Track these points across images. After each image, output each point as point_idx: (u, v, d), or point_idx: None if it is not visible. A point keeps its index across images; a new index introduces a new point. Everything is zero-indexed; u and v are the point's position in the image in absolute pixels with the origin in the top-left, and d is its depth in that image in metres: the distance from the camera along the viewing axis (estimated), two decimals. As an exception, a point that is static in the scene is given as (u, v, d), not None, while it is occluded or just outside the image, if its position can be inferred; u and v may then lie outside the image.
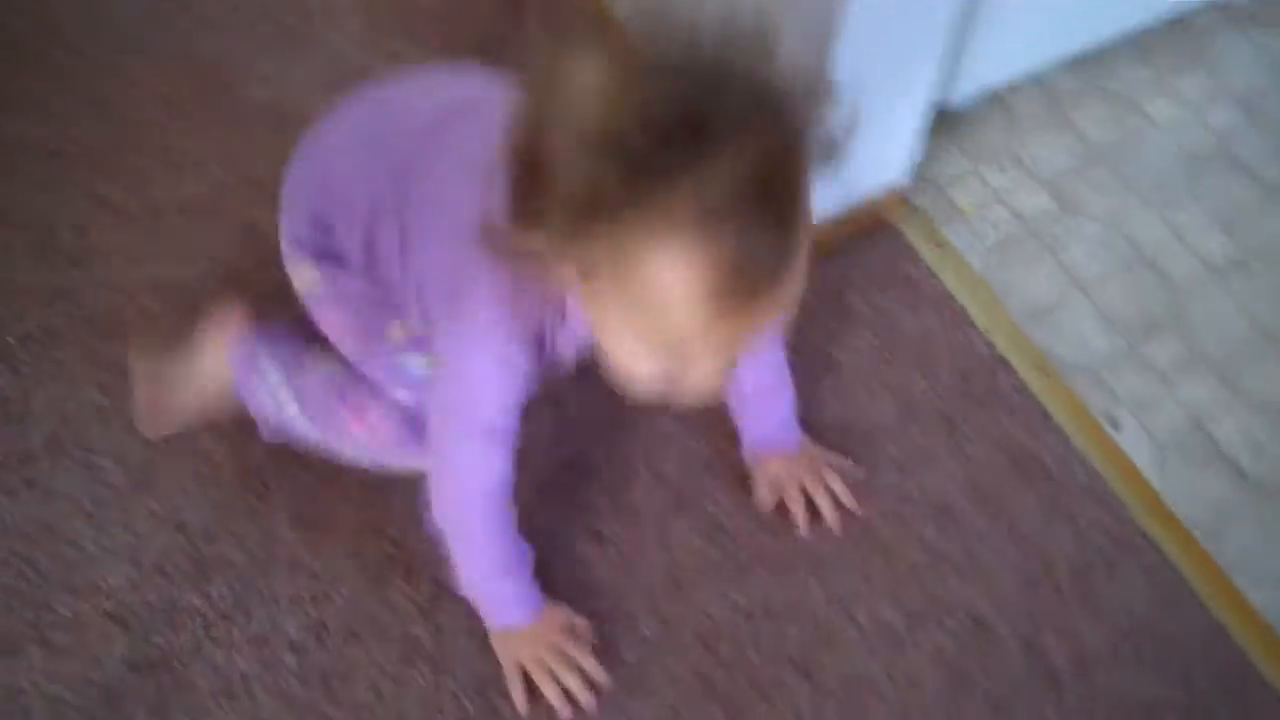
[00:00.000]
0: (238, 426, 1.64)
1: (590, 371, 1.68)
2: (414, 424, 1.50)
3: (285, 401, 1.57)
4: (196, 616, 1.56)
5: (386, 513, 1.64)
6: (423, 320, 1.44)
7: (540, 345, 1.34)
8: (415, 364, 1.49)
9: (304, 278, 1.56)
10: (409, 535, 1.62)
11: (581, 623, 1.57)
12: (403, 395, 1.52)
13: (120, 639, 1.54)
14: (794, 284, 1.12)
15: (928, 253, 1.93)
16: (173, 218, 1.85)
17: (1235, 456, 1.81)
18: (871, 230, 1.94)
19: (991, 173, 2.06)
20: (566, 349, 1.38)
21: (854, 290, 1.88)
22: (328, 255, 1.53)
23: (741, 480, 1.70)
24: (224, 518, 1.62)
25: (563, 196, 1.06)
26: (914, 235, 1.95)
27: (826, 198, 1.84)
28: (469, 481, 1.43)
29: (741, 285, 1.07)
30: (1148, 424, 1.83)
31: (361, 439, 1.55)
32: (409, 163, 1.41)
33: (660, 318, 1.10)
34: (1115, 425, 1.82)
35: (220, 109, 1.97)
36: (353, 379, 1.55)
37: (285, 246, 1.56)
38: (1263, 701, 1.61)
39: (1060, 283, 1.96)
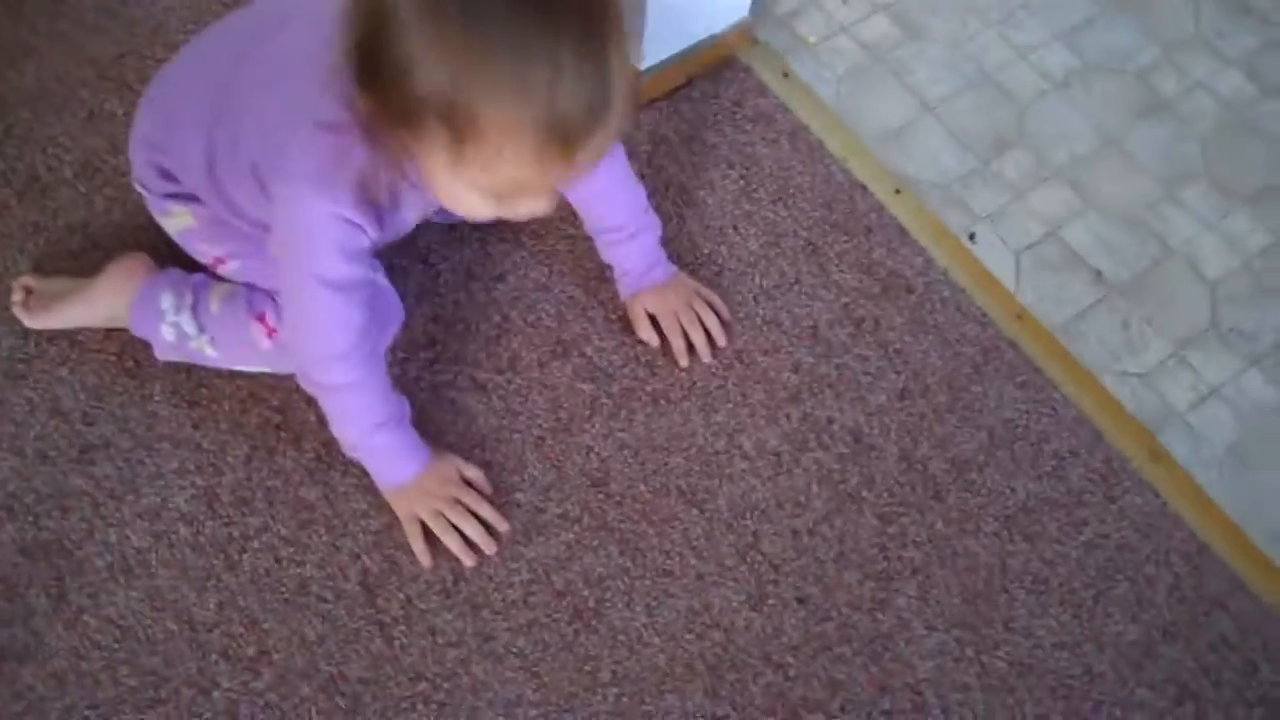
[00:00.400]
0: (107, 308, 1.62)
1: (456, 227, 1.70)
2: None
3: (190, 334, 1.57)
4: (85, 498, 1.55)
5: (265, 382, 1.63)
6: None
7: (375, 202, 1.35)
8: None
9: (175, 221, 1.58)
10: (291, 401, 1.62)
11: (474, 471, 1.59)
12: None
13: (8, 526, 1.53)
14: (615, 122, 1.16)
15: (777, 86, 1.95)
16: (19, 110, 1.80)
17: (1090, 259, 1.87)
18: (719, 68, 1.95)
19: (833, 3, 2.07)
20: (409, 207, 1.40)
21: (710, 128, 1.89)
22: (186, 196, 1.55)
23: (618, 321, 1.73)
24: (102, 400, 1.61)
25: (396, 65, 1.11)
26: (762, 69, 1.96)
27: (672, 36, 1.85)
28: (326, 334, 1.43)
29: (563, 132, 1.12)
30: (1004, 235, 1.88)
31: (269, 352, 1.56)
32: (230, 82, 1.43)
33: (488, 170, 1.16)
34: (973, 239, 1.87)
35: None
36: (252, 293, 1.56)
37: (147, 197, 1.59)
38: (1134, 490, 1.68)
39: (909, 106, 1.99)
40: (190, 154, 1.48)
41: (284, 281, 1.44)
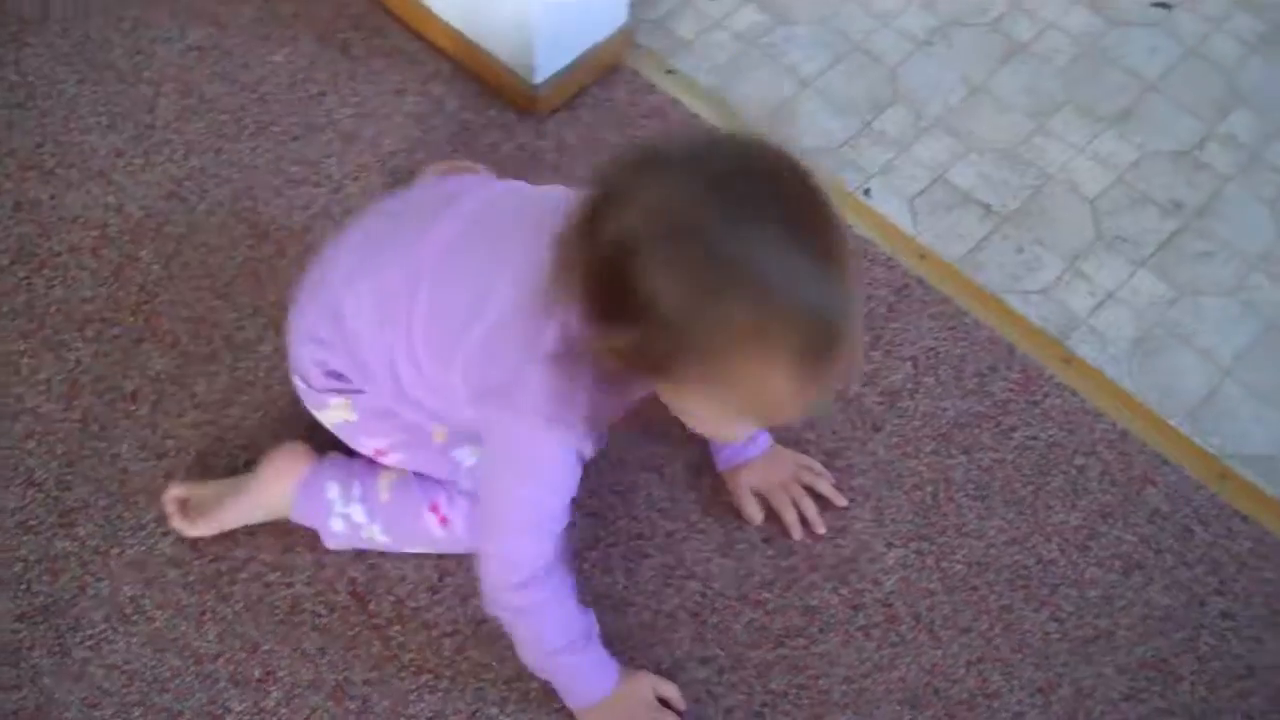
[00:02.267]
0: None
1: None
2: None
3: (361, 524, 1.58)
4: (72, 558, 1.61)
5: (228, 424, 1.72)
6: (462, 423, 1.49)
7: (599, 428, 1.34)
8: (467, 456, 1.54)
9: (333, 414, 1.57)
10: (257, 439, 1.69)
11: (670, 688, 1.55)
12: (467, 485, 1.55)
13: (1, 598, 1.58)
14: (860, 320, 1.18)
15: (663, 83, 2.06)
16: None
17: (977, 195, 1.99)
18: (608, 74, 2.06)
19: (702, 1, 2.19)
20: (614, 419, 1.40)
21: (609, 128, 2.00)
22: (346, 389, 1.54)
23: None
24: (74, 466, 1.67)
25: (639, 306, 1.10)
26: (647, 70, 2.07)
27: (560, 49, 1.95)
28: (522, 570, 1.39)
29: (824, 351, 1.12)
30: (895, 186, 1.99)
31: (443, 539, 1.58)
32: (403, 281, 1.40)
33: (753, 401, 1.17)
34: (868, 194, 1.98)
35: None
36: (423, 481, 1.57)
37: (302, 389, 1.58)
38: (1054, 393, 1.79)
39: (788, 84, 2.10)
40: (365, 351, 1.47)
41: (491, 500, 1.42)
